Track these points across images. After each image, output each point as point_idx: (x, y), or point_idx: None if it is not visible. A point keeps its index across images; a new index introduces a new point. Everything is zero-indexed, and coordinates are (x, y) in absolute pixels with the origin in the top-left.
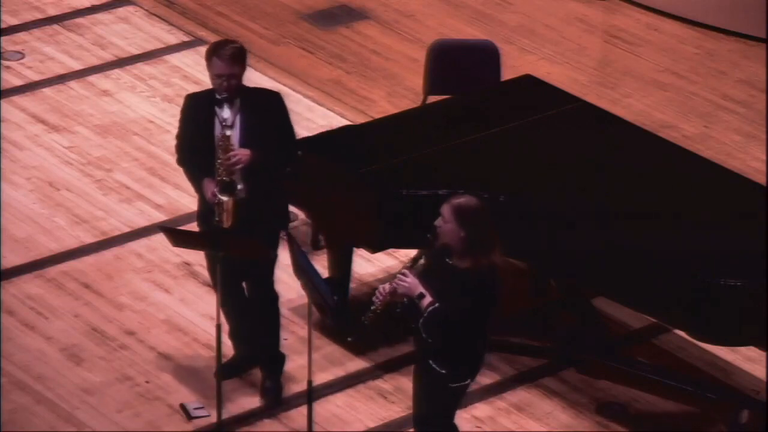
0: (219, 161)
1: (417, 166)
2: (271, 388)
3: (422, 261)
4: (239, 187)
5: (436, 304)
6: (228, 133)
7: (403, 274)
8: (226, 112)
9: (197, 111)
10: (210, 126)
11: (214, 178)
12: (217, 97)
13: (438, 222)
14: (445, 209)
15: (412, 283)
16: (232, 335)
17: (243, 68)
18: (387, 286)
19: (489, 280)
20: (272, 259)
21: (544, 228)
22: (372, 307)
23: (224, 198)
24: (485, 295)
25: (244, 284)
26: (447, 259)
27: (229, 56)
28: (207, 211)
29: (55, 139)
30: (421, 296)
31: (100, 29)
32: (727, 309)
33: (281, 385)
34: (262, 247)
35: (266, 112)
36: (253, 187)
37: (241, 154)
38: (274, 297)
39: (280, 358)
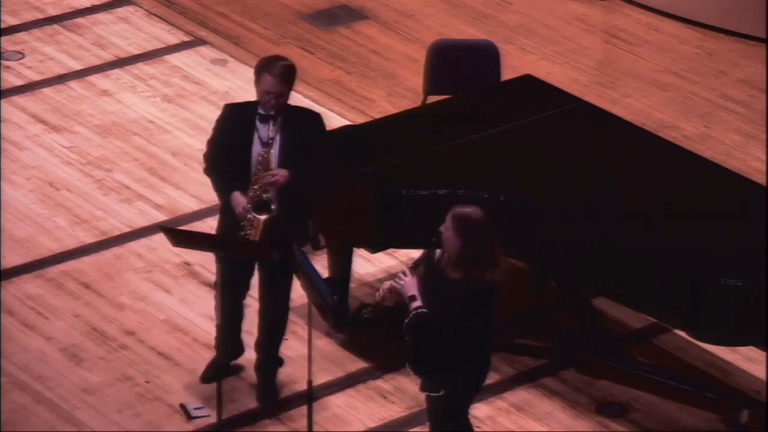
0: (255, 178)
1: (417, 166)
2: (267, 392)
3: (424, 265)
4: (273, 206)
5: (422, 309)
6: (268, 151)
7: (404, 273)
8: (267, 129)
9: (237, 122)
10: (248, 140)
11: (245, 192)
12: (262, 113)
13: (442, 227)
14: (449, 215)
15: (408, 283)
16: (223, 338)
17: (291, 87)
18: (389, 283)
19: (482, 297)
20: (290, 273)
21: (544, 228)
22: (372, 302)
23: (258, 216)
24: (474, 310)
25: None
26: (443, 266)
27: (279, 74)
28: (229, 224)
29: (55, 139)
30: (413, 298)
31: (100, 29)
32: (727, 309)
33: (277, 387)
34: (263, 248)
35: (306, 133)
36: (284, 206)
37: (280, 174)
38: (286, 309)
39: (278, 363)
